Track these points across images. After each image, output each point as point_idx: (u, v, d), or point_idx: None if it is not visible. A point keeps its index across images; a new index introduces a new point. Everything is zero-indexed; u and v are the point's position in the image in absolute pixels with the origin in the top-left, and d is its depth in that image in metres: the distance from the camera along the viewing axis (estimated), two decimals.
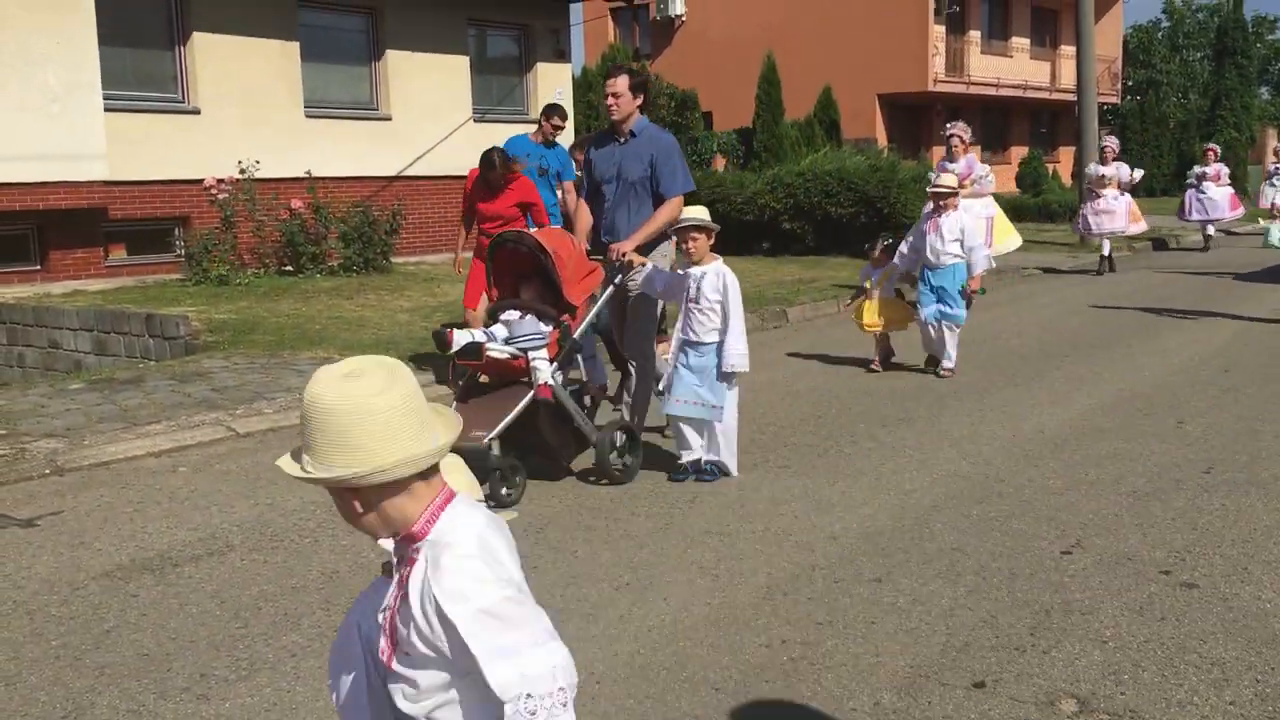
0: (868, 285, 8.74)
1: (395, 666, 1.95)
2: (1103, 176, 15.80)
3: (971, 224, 8.55)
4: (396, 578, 1.95)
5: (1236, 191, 20.32)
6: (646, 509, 5.38)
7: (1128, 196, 15.85)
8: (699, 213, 5.89)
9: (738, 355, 5.72)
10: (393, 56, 16.99)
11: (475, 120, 18.11)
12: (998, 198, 22.28)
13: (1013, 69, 35.29)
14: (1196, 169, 19.44)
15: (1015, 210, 25.49)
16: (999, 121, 36.46)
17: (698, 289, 5.80)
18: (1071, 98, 35.00)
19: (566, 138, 19.81)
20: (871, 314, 8.68)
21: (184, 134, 14.62)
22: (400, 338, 9.97)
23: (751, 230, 17.35)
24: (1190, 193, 19.14)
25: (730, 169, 22.87)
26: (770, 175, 17.76)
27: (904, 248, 8.65)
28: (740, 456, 6.25)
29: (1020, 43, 36.53)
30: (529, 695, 1.77)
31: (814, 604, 4.18)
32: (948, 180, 8.78)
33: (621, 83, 6.21)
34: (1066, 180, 31.45)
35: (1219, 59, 36.76)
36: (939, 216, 8.45)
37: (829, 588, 4.33)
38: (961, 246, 8.37)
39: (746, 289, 8.94)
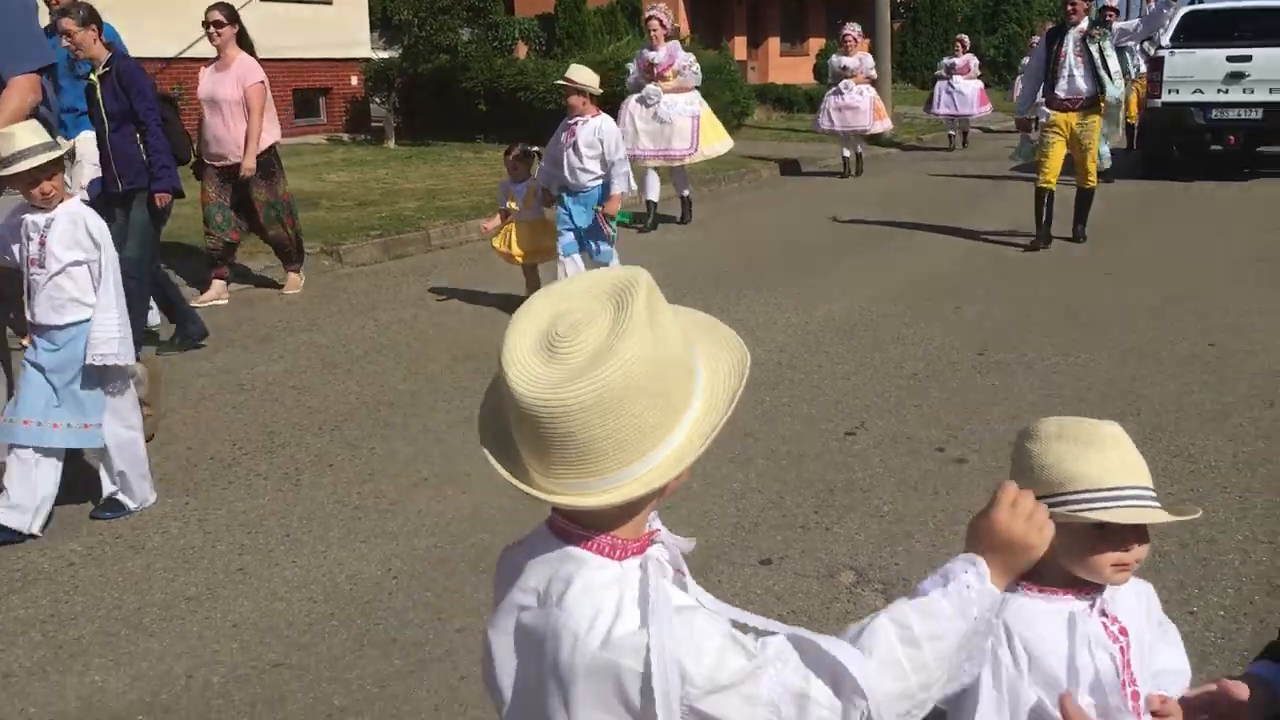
0: (511, 205, 7.12)
1: None
2: (845, 68, 14.24)
3: (615, 134, 6.78)
4: None
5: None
6: (446, 403, 5.35)
7: (872, 91, 14.46)
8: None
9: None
10: None
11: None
12: (796, 90, 22.45)
13: None
14: (945, 60, 18.03)
15: (812, 102, 25.98)
16: (796, 12, 36.85)
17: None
18: None
19: (361, 16, 18.96)
20: (512, 240, 7.09)
21: None
22: (185, 230, 9.46)
23: (554, 119, 17.05)
24: (940, 85, 17.71)
25: (532, 57, 22.41)
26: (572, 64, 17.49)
27: (544, 161, 7.03)
28: None
29: None
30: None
31: None
32: (581, 75, 6.79)
33: None
34: None
35: None
36: (574, 123, 6.71)
37: None
38: (603, 164, 6.71)
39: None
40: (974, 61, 17.50)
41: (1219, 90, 13.06)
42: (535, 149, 7.27)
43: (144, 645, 3.14)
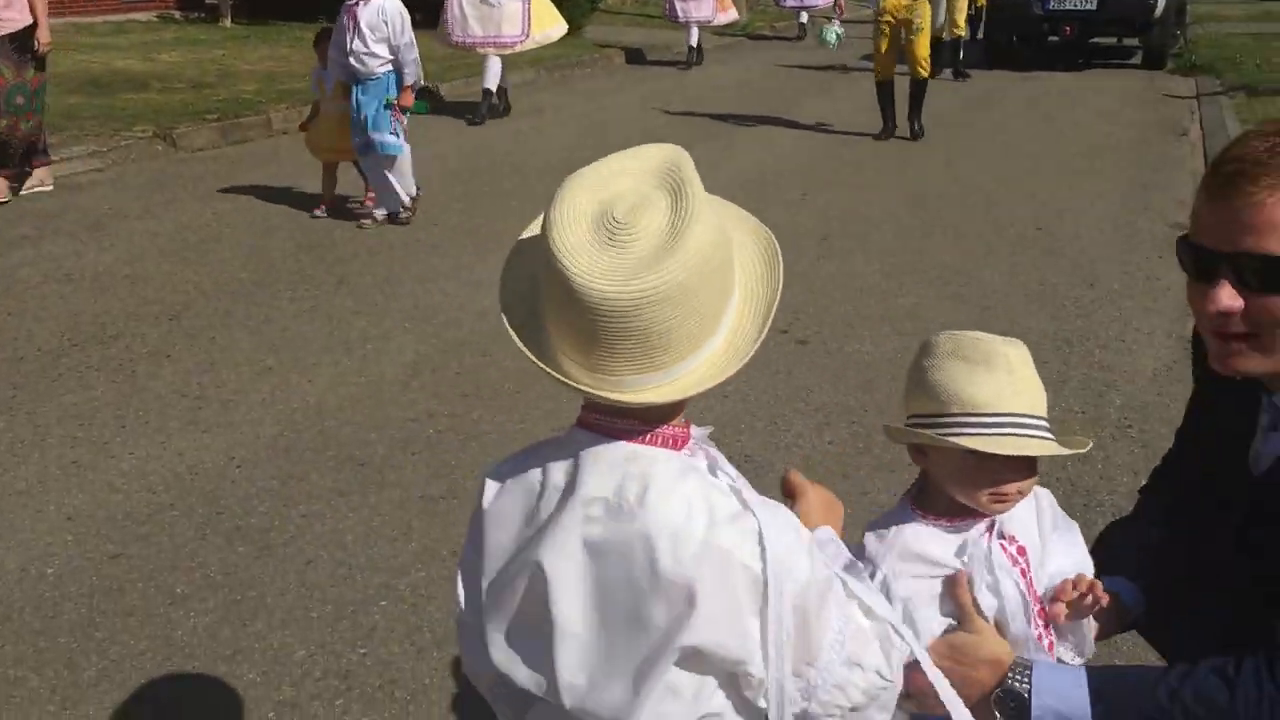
0: (321, 96, 6.62)
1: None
2: None
3: (401, 15, 6.18)
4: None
5: None
6: (290, 292, 5.23)
7: None
8: None
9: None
10: None
11: None
12: None
13: None
14: None
15: None
16: None
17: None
18: None
19: None
20: (326, 135, 6.58)
21: None
22: None
23: None
24: None
25: None
26: None
27: (330, 49, 6.38)
28: (390, 235, 6.20)
29: None
30: None
31: (462, 378, 4.26)
32: None
33: None
34: None
35: None
36: (355, 4, 6.13)
37: (477, 361, 4.42)
38: (390, 48, 6.20)
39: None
40: None
41: None
42: None
43: None
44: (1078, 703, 1.35)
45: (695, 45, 14.07)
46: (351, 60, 6.17)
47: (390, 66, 6.23)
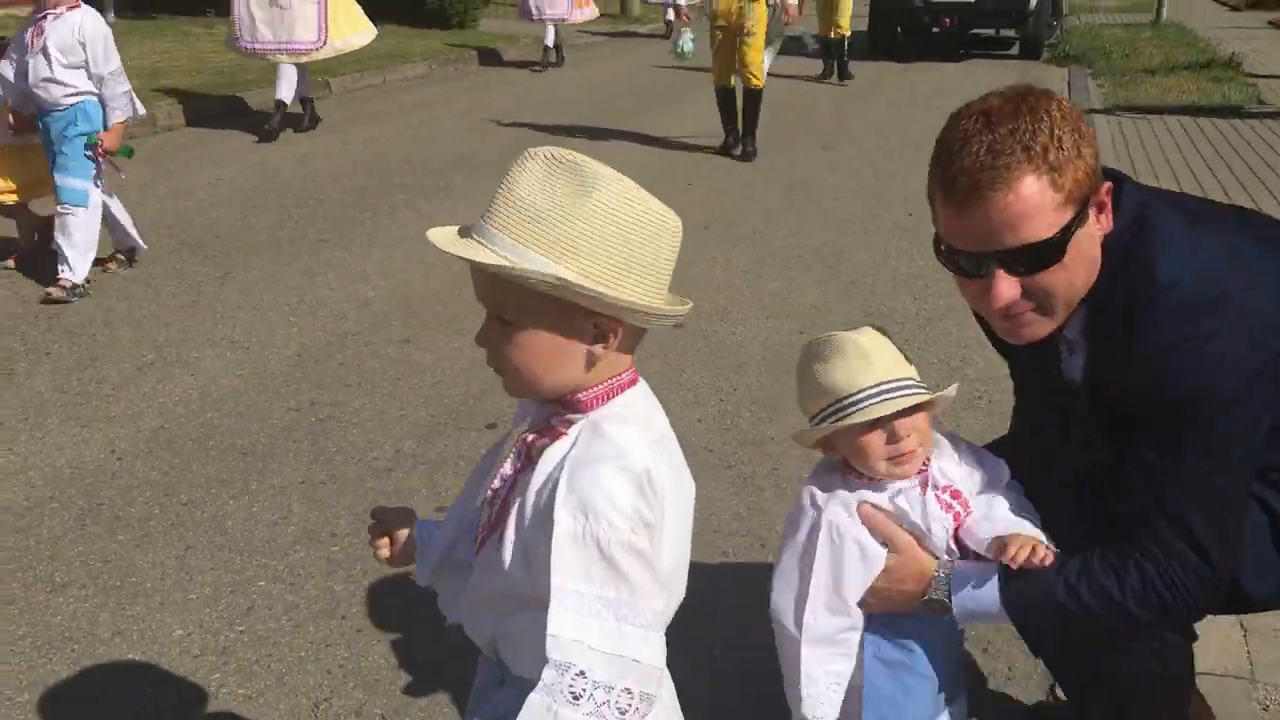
0: None
1: (482, 555, 1.41)
2: None
3: (105, 38, 5.01)
4: (519, 445, 1.38)
5: None
6: (172, 288, 5.25)
7: None
8: None
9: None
10: None
11: None
12: None
13: None
14: None
15: None
16: None
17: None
18: None
19: None
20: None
21: None
22: None
23: None
24: None
25: None
26: None
27: (10, 54, 5.14)
28: (275, 231, 6.21)
29: None
30: (582, 673, 1.21)
31: (345, 368, 4.35)
32: None
33: None
34: None
35: None
36: (43, 18, 4.97)
37: (359, 352, 4.52)
38: (89, 77, 4.99)
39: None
40: None
41: None
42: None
43: None
44: (989, 601, 1.65)
45: (552, 45, 13.42)
46: (33, 86, 4.96)
47: (84, 98, 5.03)
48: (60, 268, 5.06)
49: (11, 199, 5.40)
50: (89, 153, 5.05)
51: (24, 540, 3.09)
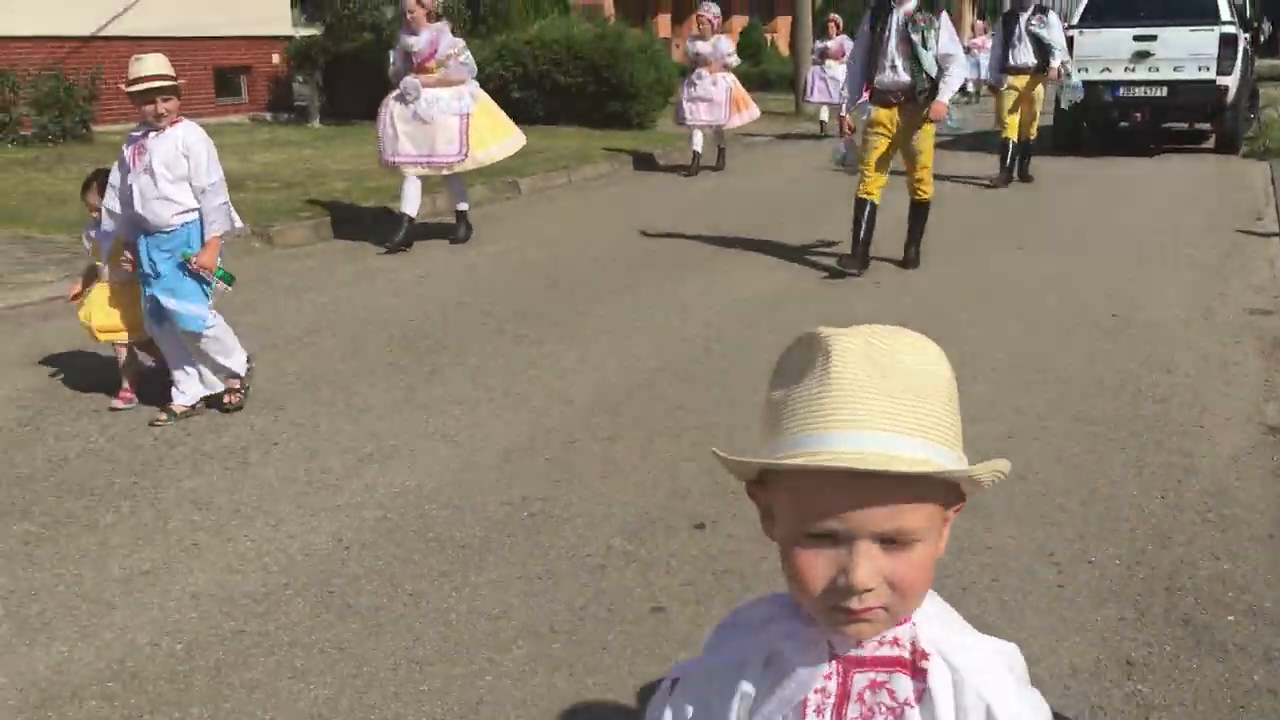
0: (96, 261, 5.20)
1: None
2: (698, 54, 12.78)
3: (208, 147, 4.83)
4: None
5: None
6: (385, 382, 5.48)
7: (729, 79, 12.84)
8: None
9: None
10: None
11: None
12: None
13: None
14: (818, 43, 16.73)
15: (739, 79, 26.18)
16: None
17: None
18: None
19: None
20: (103, 309, 5.12)
21: None
22: None
23: None
24: (814, 70, 16.46)
25: (457, 33, 22.34)
26: (499, 43, 17.54)
27: (106, 200, 4.92)
28: (477, 328, 6.43)
29: None
30: None
31: (551, 464, 4.45)
32: (156, 63, 4.77)
33: None
34: (784, 50, 32.48)
35: None
36: (144, 135, 4.79)
37: (565, 449, 4.61)
38: (192, 191, 4.81)
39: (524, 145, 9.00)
40: (849, 44, 14.39)
41: (1126, 69, 13.56)
42: None
43: (106, 618, 3.27)
44: None
45: (700, 150, 13.00)
46: (139, 208, 4.76)
47: (193, 216, 4.85)
48: (225, 381, 5.06)
49: (122, 337, 5.16)
50: (181, 272, 4.85)
51: (265, 625, 3.23)
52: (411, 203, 8.68)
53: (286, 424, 4.91)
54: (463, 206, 9.08)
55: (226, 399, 5.08)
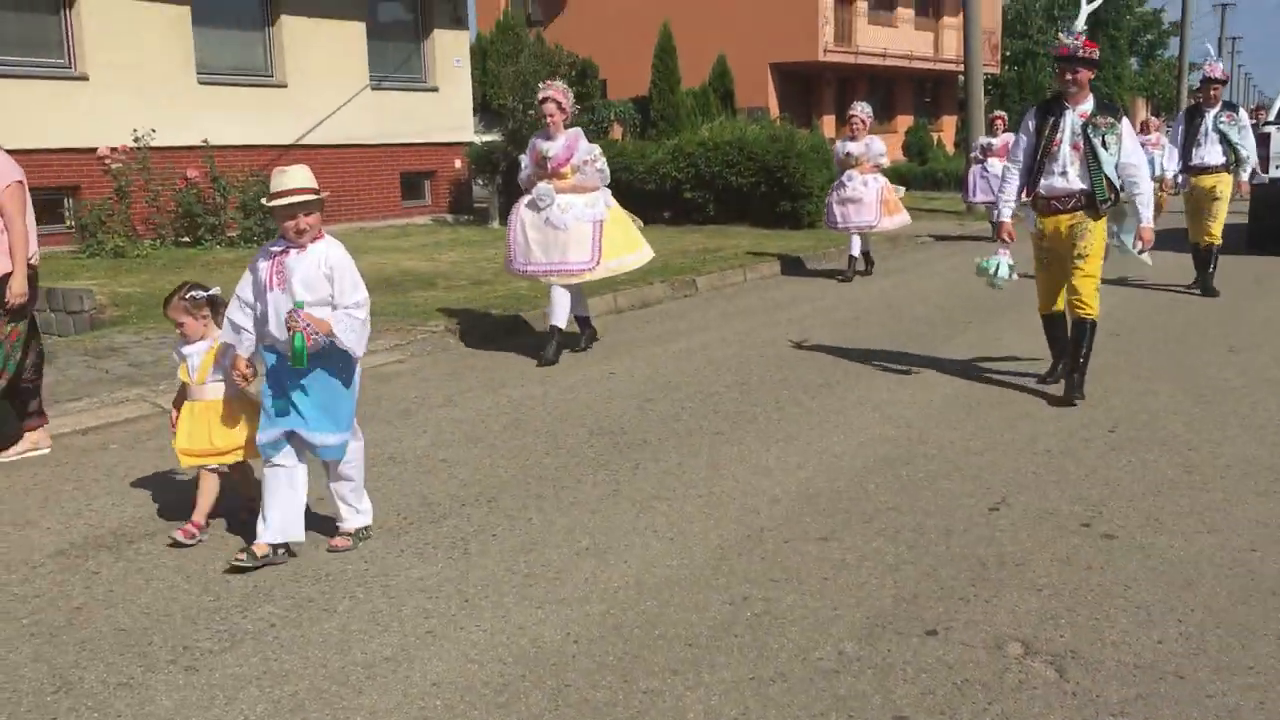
0: (185, 379, 4.78)
1: None
2: (849, 155, 12.42)
3: (351, 267, 4.43)
4: None
5: None
6: (592, 477, 5.54)
7: (882, 181, 12.52)
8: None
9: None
10: (288, 22, 16.66)
11: (372, 88, 17.88)
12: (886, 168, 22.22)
13: (898, 39, 36.08)
14: (981, 140, 16.24)
15: (902, 179, 26.22)
16: (885, 91, 37.24)
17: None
18: (953, 68, 36.03)
19: (465, 102, 19.67)
20: (188, 431, 4.73)
21: (71, 101, 14.17)
22: None
23: (654, 199, 17.54)
24: (974, 169, 15.96)
25: (627, 137, 22.99)
26: (672, 145, 17.96)
27: (231, 312, 4.55)
28: (673, 424, 6.47)
29: (905, 14, 37.34)
30: None
31: (767, 563, 4.40)
32: (300, 176, 4.37)
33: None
34: (950, 149, 32.35)
35: (1092, 30, 38.05)
36: (283, 251, 4.40)
37: (779, 547, 4.56)
38: (334, 309, 4.38)
39: (654, 259, 9.03)
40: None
41: None
42: (215, 291, 4.83)
43: (355, 701, 3.34)
44: None
45: (857, 254, 12.65)
46: (272, 329, 4.38)
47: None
48: (342, 513, 4.70)
49: (237, 457, 4.78)
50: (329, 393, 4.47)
51: (507, 716, 3.26)
52: (561, 313, 8.43)
53: (501, 516, 5.00)
54: (585, 314, 8.82)
55: (334, 542, 4.63)
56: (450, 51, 19.13)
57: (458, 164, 19.35)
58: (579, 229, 8.20)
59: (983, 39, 22.96)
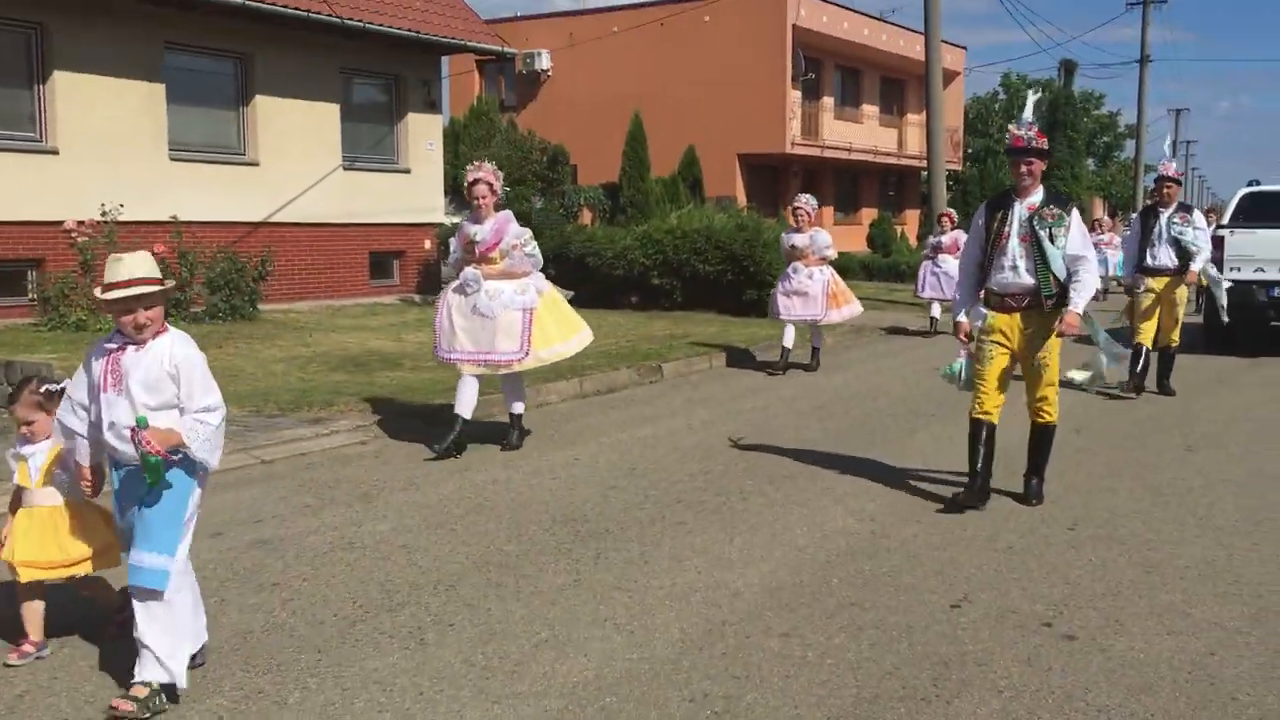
0: (26, 482, 4.27)
1: None
2: (793, 247, 12.21)
3: (201, 365, 3.88)
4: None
5: None
6: (553, 565, 5.49)
7: (829, 273, 12.26)
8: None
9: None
10: (262, 102, 16.79)
11: (345, 168, 18.00)
12: (851, 258, 22.79)
13: (863, 134, 36.85)
14: (932, 238, 16.53)
15: (866, 270, 26.59)
16: (850, 184, 37.93)
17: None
18: (917, 163, 36.83)
19: (436, 183, 19.81)
20: (14, 542, 4.22)
21: (40, 174, 14.15)
22: (277, 388, 9.84)
23: (622, 284, 17.68)
24: (925, 265, 16.27)
25: (596, 222, 23.22)
26: (641, 231, 18.15)
27: (63, 414, 4.01)
28: (636, 513, 6.44)
29: (870, 110, 38.22)
30: None
31: (728, 659, 4.35)
32: (141, 264, 3.78)
33: None
34: (913, 241, 32.94)
35: (1050, 131, 39.16)
36: (119, 348, 3.87)
37: (740, 643, 4.52)
38: (179, 414, 3.85)
39: (620, 344, 8.99)
40: (962, 238, 13.06)
41: None
42: (61, 385, 4.21)
43: None
44: None
45: (790, 346, 12.37)
46: (109, 437, 3.85)
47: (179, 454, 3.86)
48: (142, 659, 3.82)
49: (85, 569, 4.26)
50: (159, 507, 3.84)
51: None
52: (466, 404, 8.01)
53: (460, 604, 4.93)
54: (518, 409, 8.38)
55: (117, 706, 3.70)
56: (424, 134, 19.33)
57: (428, 244, 19.43)
58: (507, 317, 7.84)
59: (945, 136, 23.50)
